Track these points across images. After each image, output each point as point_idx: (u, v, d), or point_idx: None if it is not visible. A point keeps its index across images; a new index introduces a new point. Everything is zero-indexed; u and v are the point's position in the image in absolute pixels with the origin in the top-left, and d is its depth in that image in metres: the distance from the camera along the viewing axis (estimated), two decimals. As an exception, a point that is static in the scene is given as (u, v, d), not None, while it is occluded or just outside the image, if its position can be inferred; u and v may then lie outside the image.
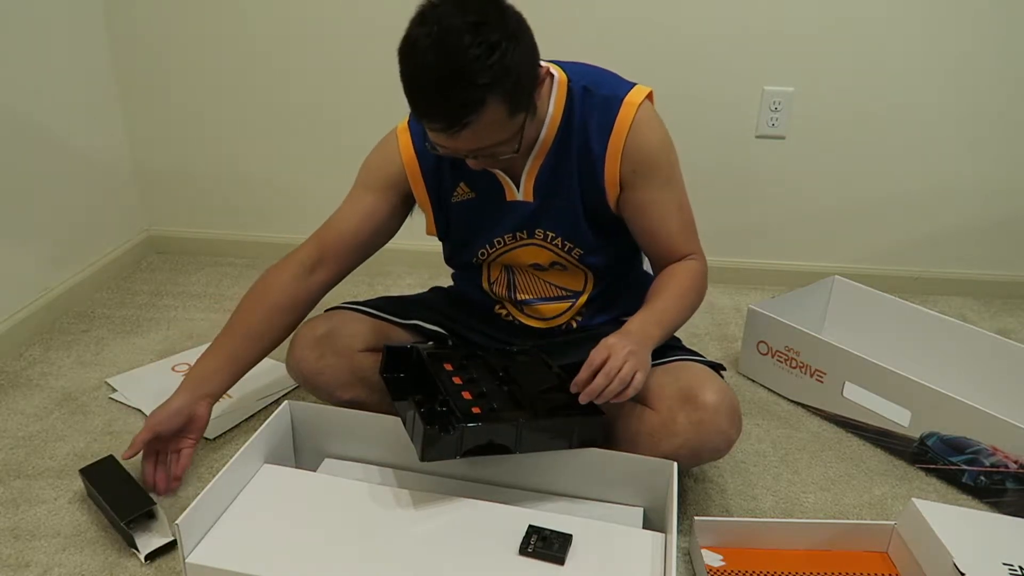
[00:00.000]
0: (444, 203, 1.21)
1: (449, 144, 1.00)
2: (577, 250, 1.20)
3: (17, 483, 1.25)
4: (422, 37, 0.92)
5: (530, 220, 1.18)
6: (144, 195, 2.12)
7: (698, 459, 1.11)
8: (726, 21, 1.82)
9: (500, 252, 1.23)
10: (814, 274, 1.85)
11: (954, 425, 1.29)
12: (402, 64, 0.95)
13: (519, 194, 1.17)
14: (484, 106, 0.94)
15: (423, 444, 0.98)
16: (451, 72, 0.91)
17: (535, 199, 1.17)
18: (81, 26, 1.85)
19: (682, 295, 1.15)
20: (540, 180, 1.15)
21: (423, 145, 1.14)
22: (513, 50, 0.94)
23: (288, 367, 1.23)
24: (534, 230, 1.19)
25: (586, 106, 1.11)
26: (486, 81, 0.92)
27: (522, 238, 1.20)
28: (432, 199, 1.21)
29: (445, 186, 1.19)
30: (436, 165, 1.18)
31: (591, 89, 1.12)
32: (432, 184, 1.19)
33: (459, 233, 1.23)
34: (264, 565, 0.93)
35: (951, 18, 1.78)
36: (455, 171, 1.18)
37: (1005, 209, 1.97)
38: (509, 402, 1.10)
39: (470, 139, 0.98)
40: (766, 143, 1.93)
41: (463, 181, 1.18)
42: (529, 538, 0.97)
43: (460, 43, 0.90)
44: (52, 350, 1.65)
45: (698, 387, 1.09)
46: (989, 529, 1.07)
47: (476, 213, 1.20)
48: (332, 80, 1.93)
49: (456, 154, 1.04)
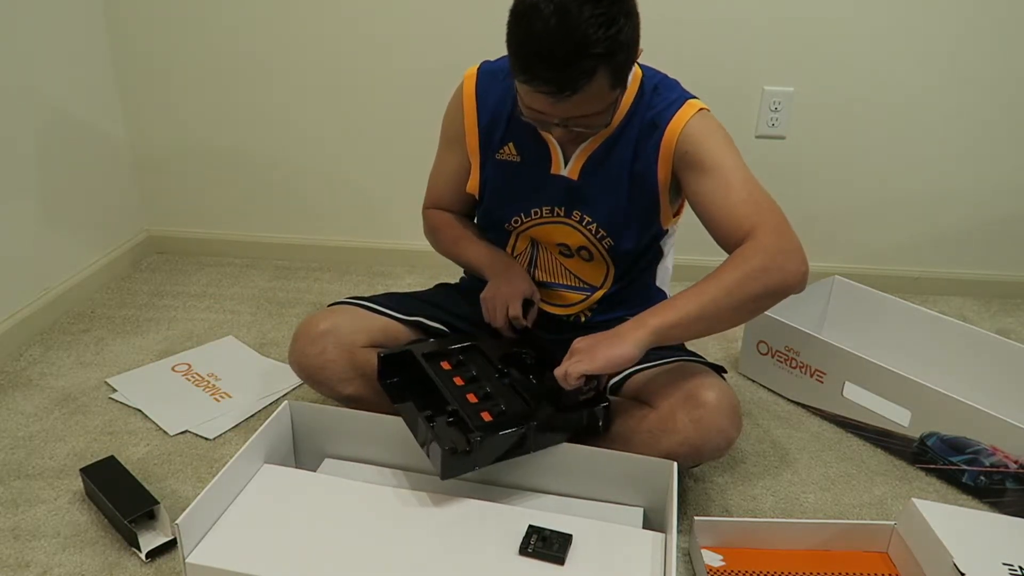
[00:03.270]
0: (489, 156, 1.23)
1: (548, 109, 1.01)
2: (608, 240, 1.21)
3: (17, 483, 1.25)
4: (543, 2, 0.93)
5: (570, 198, 1.20)
6: (144, 195, 2.12)
7: (698, 458, 1.12)
8: (726, 21, 1.82)
9: (533, 224, 1.24)
10: (814, 274, 1.83)
11: (954, 425, 1.29)
12: (519, 26, 0.97)
13: (565, 169, 1.19)
14: (595, 75, 0.96)
15: (443, 466, 0.99)
16: (571, 40, 0.93)
17: (580, 178, 1.18)
18: (81, 23, 1.84)
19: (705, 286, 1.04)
20: (591, 160, 1.17)
21: (486, 92, 1.19)
22: (627, 24, 0.97)
23: (290, 362, 1.24)
24: (572, 210, 1.21)
25: (654, 104, 1.14)
26: (600, 51, 0.94)
27: (559, 214, 1.22)
28: (481, 146, 1.22)
29: (494, 140, 1.21)
30: (494, 116, 1.20)
31: (660, 89, 1.15)
32: (484, 135, 1.21)
33: (494, 193, 1.25)
34: (264, 565, 0.93)
35: (951, 18, 1.78)
36: (508, 130, 1.19)
37: (1005, 209, 1.97)
38: (515, 399, 1.10)
39: (571, 107, 0.99)
40: (766, 143, 1.93)
41: (512, 141, 1.20)
42: (529, 538, 0.97)
43: (582, 13, 0.93)
44: (52, 350, 1.65)
45: (698, 386, 1.10)
46: (989, 529, 1.07)
47: (516, 176, 1.21)
48: (334, 80, 1.93)
49: (546, 121, 1.04)
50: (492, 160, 1.22)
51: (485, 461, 1.03)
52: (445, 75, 1.35)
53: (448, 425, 1.05)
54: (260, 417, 1.43)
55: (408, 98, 1.92)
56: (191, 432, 1.38)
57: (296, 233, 2.14)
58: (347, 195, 2.07)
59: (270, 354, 1.65)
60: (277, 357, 1.63)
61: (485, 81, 1.20)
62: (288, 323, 1.78)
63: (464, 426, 1.03)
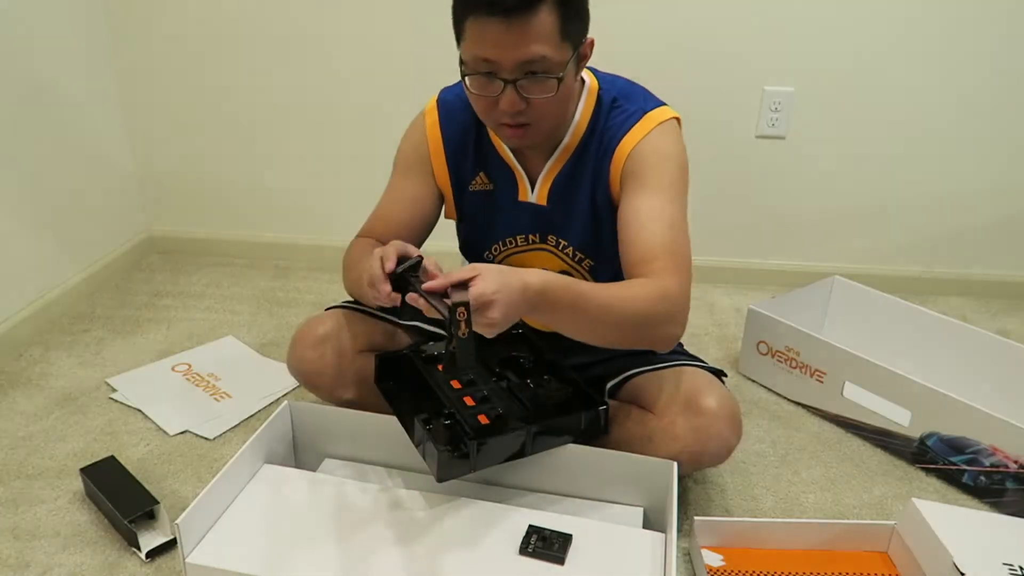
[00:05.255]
0: (463, 189, 1.22)
1: (498, 51, 0.96)
2: (588, 261, 1.20)
3: (17, 483, 1.25)
4: None
5: (543, 225, 1.19)
6: (144, 195, 2.12)
7: (698, 464, 1.11)
8: (726, 21, 1.81)
9: (512, 252, 1.23)
10: (814, 274, 1.84)
11: (954, 425, 1.29)
12: None
13: (532, 196, 1.18)
14: (543, 4, 0.94)
15: (439, 467, 0.98)
16: None
17: (548, 203, 1.17)
18: (82, 25, 1.85)
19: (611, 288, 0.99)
20: (556, 185, 1.16)
21: (449, 125, 1.17)
22: None
23: (289, 366, 1.23)
24: (547, 236, 1.20)
25: (612, 118, 1.11)
26: None
27: (535, 242, 1.21)
28: (452, 181, 1.21)
29: (465, 171, 1.20)
30: (460, 148, 1.19)
31: (619, 102, 1.11)
32: (453, 166, 1.20)
33: (472, 222, 1.24)
34: (264, 565, 0.93)
35: (951, 18, 1.78)
36: (477, 159, 1.19)
37: (1005, 209, 1.97)
38: (511, 402, 1.10)
39: (521, 43, 0.95)
40: (766, 143, 1.93)
41: (483, 171, 1.19)
42: (529, 538, 0.97)
43: None
44: (52, 350, 1.65)
45: (699, 392, 1.09)
46: (989, 529, 1.07)
47: (491, 206, 1.21)
48: (334, 81, 1.93)
49: (496, 73, 0.99)
50: (467, 192, 1.21)
51: (482, 465, 1.03)
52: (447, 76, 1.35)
53: (445, 428, 1.05)
54: (260, 417, 1.43)
55: (408, 98, 1.91)
56: (191, 432, 1.38)
57: (296, 233, 2.14)
58: (347, 195, 2.06)
59: (270, 354, 1.65)
60: (277, 357, 1.63)
61: (446, 113, 1.18)
62: (288, 323, 1.78)
63: (461, 429, 1.03)
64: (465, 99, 1.10)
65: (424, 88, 1.47)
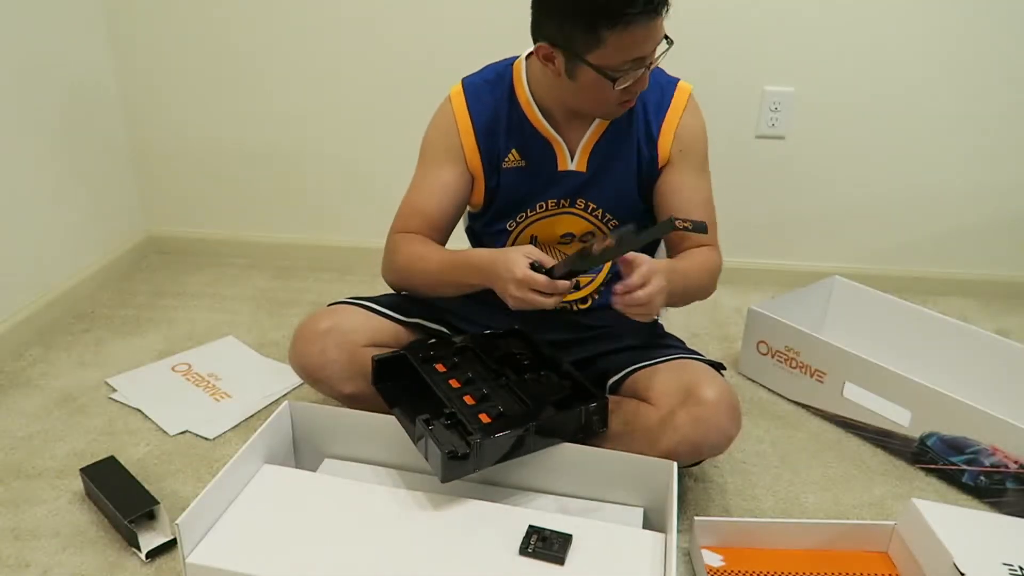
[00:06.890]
0: (495, 168, 1.23)
1: (645, 46, 1.04)
2: (614, 221, 1.24)
3: (17, 483, 1.25)
4: None
5: (578, 190, 1.22)
6: (144, 195, 2.12)
7: (697, 455, 1.12)
8: (726, 21, 1.82)
9: (536, 218, 1.25)
10: (814, 274, 1.84)
11: (954, 425, 1.29)
12: None
13: (572, 164, 1.21)
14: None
15: (443, 468, 0.99)
16: None
17: (588, 170, 1.21)
18: (80, 23, 1.85)
19: (702, 269, 1.20)
20: (597, 151, 1.20)
21: (477, 106, 1.21)
22: None
23: (291, 361, 1.23)
24: (576, 199, 1.23)
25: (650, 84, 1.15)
26: None
27: (564, 205, 1.24)
28: (484, 163, 1.22)
29: (498, 150, 1.22)
30: (490, 127, 1.21)
31: None
32: (485, 147, 1.21)
33: (505, 199, 1.25)
34: (264, 565, 0.93)
35: (951, 18, 1.78)
36: (510, 136, 1.21)
37: (1005, 209, 1.97)
38: (512, 399, 1.10)
39: (658, 33, 1.05)
40: (766, 143, 1.93)
41: (515, 148, 1.21)
42: (529, 538, 0.97)
43: None
44: (52, 350, 1.65)
45: (698, 384, 1.10)
46: (989, 529, 1.07)
47: (526, 181, 1.23)
48: (334, 80, 1.93)
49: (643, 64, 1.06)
50: (501, 169, 1.23)
51: (485, 463, 1.03)
52: (449, 75, 1.35)
53: (446, 428, 1.05)
54: (260, 417, 1.43)
55: (409, 98, 1.92)
56: (191, 432, 1.38)
57: (296, 233, 2.14)
58: (347, 195, 2.06)
59: (270, 354, 1.65)
60: (277, 357, 1.63)
61: (473, 95, 1.21)
62: (288, 323, 1.78)
63: (463, 428, 1.03)
64: (491, 82, 1.20)
65: (424, 88, 1.48)
